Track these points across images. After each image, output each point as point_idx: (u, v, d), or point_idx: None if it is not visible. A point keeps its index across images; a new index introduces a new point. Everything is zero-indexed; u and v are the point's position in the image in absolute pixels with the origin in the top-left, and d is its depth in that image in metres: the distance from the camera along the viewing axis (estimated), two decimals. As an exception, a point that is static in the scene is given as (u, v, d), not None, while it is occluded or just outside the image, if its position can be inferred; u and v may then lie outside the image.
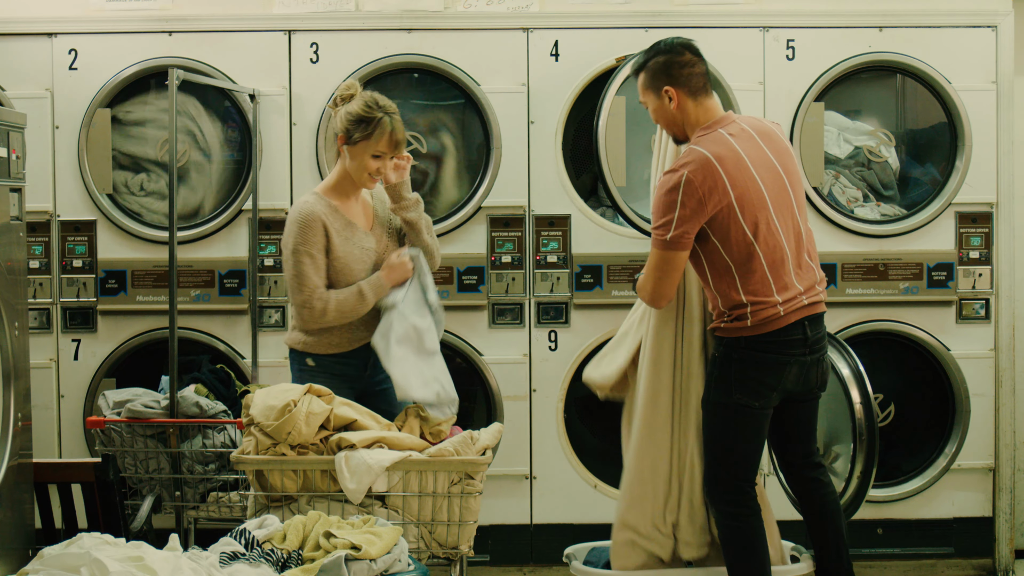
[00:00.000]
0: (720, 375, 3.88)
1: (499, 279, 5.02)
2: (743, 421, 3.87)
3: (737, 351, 3.84)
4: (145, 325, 5.03)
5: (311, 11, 5.00)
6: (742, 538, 3.91)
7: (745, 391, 3.84)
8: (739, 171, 3.75)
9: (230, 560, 3.09)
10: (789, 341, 3.83)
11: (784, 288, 3.81)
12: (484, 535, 4.97)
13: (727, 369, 3.86)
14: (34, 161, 4.62)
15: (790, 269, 3.83)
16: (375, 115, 3.99)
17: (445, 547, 3.60)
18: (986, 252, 5.08)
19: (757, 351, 3.83)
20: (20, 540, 3.56)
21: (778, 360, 3.84)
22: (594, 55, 4.98)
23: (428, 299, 4.09)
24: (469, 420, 5.07)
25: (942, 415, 5.17)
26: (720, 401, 3.88)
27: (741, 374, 3.84)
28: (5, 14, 4.98)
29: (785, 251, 3.82)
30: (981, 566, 5.16)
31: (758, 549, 3.91)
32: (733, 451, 3.91)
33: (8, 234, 3.52)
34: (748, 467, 3.93)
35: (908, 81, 5.17)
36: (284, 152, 4.99)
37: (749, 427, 3.89)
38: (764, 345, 3.82)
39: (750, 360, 3.83)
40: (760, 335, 3.82)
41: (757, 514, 3.93)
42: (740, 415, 3.87)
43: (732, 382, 3.85)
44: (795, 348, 3.85)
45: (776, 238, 3.80)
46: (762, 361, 3.84)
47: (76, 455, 4.97)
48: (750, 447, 3.92)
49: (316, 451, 3.63)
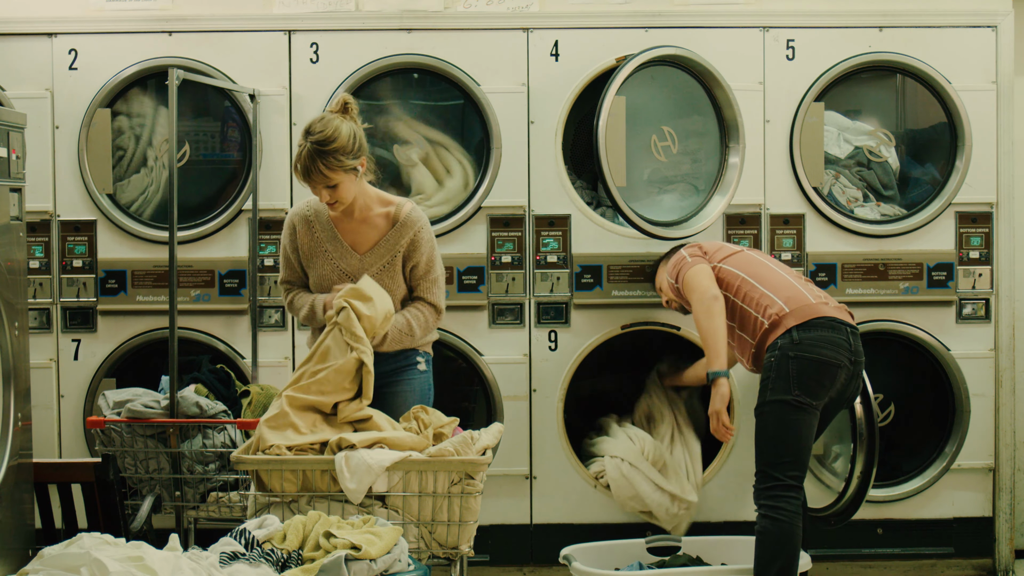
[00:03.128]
0: (777, 375, 4.08)
1: (499, 279, 5.02)
2: (799, 418, 4.05)
3: (792, 348, 4.06)
4: (145, 325, 5.03)
5: (311, 11, 5.00)
6: (778, 537, 4.02)
7: (804, 387, 4.06)
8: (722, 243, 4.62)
9: (230, 560, 3.09)
10: (837, 341, 4.09)
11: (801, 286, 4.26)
12: (484, 535, 4.97)
13: (784, 366, 4.07)
14: (34, 161, 4.63)
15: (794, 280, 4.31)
16: (299, 144, 3.96)
17: (445, 547, 3.60)
18: (986, 252, 5.08)
19: (811, 348, 4.06)
20: (20, 540, 3.56)
21: (832, 360, 4.07)
22: (594, 55, 4.98)
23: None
24: (469, 420, 5.07)
25: (942, 415, 5.17)
26: (778, 399, 4.07)
27: (799, 370, 4.06)
28: (5, 14, 4.98)
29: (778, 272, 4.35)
30: (981, 566, 5.16)
31: (789, 552, 4.03)
32: (788, 448, 4.06)
33: (8, 234, 3.52)
34: (800, 464, 4.08)
35: (908, 81, 5.17)
36: (284, 152, 4.99)
37: (804, 424, 4.06)
38: (815, 342, 4.07)
39: (806, 358, 4.07)
40: (805, 324, 4.08)
41: (798, 516, 4.05)
42: (797, 411, 4.05)
43: (792, 379, 4.06)
44: (843, 350, 4.09)
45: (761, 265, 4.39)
46: (818, 358, 4.06)
47: (76, 455, 4.97)
48: (803, 445, 4.08)
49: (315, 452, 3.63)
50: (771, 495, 4.05)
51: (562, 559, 4.46)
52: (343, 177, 3.96)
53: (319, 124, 3.94)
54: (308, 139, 3.92)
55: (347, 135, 3.94)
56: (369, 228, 4.13)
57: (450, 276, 4.97)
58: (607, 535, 4.83)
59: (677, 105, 5.03)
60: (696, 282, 4.35)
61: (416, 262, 4.12)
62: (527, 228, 5.02)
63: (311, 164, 3.91)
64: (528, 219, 5.02)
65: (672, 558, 4.61)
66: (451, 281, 4.98)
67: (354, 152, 3.96)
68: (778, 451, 4.08)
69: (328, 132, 3.92)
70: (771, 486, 4.06)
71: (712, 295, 4.29)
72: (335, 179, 3.94)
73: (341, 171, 3.94)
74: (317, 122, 3.96)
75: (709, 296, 4.29)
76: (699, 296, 4.32)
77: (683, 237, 4.90)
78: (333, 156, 3.91)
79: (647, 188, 5.04)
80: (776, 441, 4.09)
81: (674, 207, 5.02)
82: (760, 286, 4.26)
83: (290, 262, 4.20)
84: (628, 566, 4.61)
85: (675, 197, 5.05)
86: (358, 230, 4.12)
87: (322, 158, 3.90)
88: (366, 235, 4.12)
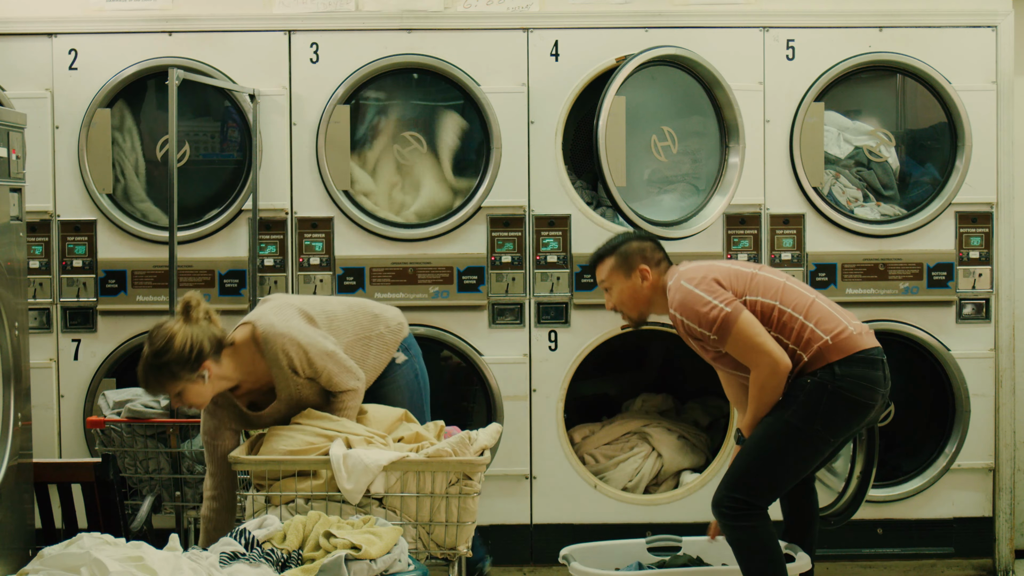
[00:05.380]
0: (808, 400, 3.84)
1: (499, 279, 5.02)
2: (806, 451, 3.88)
3: (832, 381, 3.82)
4: (145, 325, 5.01)
5: (311, 11, 5.00)
6: (758, 541, 3.88)
7: (828, 425, 3.84)
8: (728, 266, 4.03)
9: (230, 560, 3.09)
10: (875, 379, 3.87)
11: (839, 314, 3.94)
12: (484, 535, 4.96)
13: (818, 397, 3.83)
14: (34, 161, 4.62)
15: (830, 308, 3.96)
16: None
17: (443, 547, 3.60)
18: (986, 252, 5.07)
19: (848, 388, 3.83)
20: (20, 540, 3.56)
21: (865, 404, 3.87)
22: (594, 55, 4.98)
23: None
24: (469, 420, 5.08)
25: (942, 415, 5.17)
26: (795, 424, 3.84)
27: (831, 408, 3.83)
28: (5, 14, 4.98)
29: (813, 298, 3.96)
30: (981, 566, 5.16)
31: (775, 550, 3.89)
32: (776, 474, 3.89)
33: (8, 234, 3.52)
34: (775, 493, 3.94)
35: (908, 81, 5.17)
36: (284, 152, 4.99)
37: (808, 458, 3.91)
38: (856, 380, 3.83)
39: (841, 396, 3.83)
40: (849, 360, 3.83)
41: (768, 521, 3.91)
42: (808, 445, 3.87)
43: (820, 413, 3.82)
44: (880, 387, 3.89)
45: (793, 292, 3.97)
46: (852, 402, 3.84)
47: (76, 455, 4.97)
48: (793, 478, 3.93)
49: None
50: (741, 510, 3.87)
51: (561, 559, 4.45)
52: (184, 386, 3.65)
53: (155, 334, 3.64)
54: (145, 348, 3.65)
55: (180, 345, 3.60)
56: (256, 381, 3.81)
57: (450, 276, 4.97)
58: (607, 535, 4.83)
59: (677, 105, 5.03)
60: (760, 342, 3.83)
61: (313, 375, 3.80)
62: (527, 228, 5.02)
63: (148, 377, 3.64)
64: (528, 219, 5.02)
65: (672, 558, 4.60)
66: (451, 281, 4.98)
67: (191, 363, 3.62)
68: (768, 474, 3.88)
69: (159, 344, 3.61)
70: (740, 500, 3.86)
71: (785, 366, 3.84)
72: (175, 389, 3.65)
73: (181, 382, 3.64)
74: (155, 330, 3.66)
75: (783, 368, 3.83)
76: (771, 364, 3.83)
77: (683, 237, 4.90)
78: (167, 369, 3.61)
79: (647, 188, 5.04)
80: (771, 465, 3.88)
81: (674, 207, 5.02)
82: (800, 316, 3.90)
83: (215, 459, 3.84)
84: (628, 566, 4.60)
85: (675, 197, 5.05)
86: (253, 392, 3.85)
87: (156, 373, 3.62)
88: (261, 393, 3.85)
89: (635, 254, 4.09)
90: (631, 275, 4.08)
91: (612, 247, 4.14)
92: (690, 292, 3.90)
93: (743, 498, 3.86)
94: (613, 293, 4.13)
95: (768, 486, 3.90)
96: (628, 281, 4.09)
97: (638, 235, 4.23)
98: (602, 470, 5.10)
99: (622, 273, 4.10)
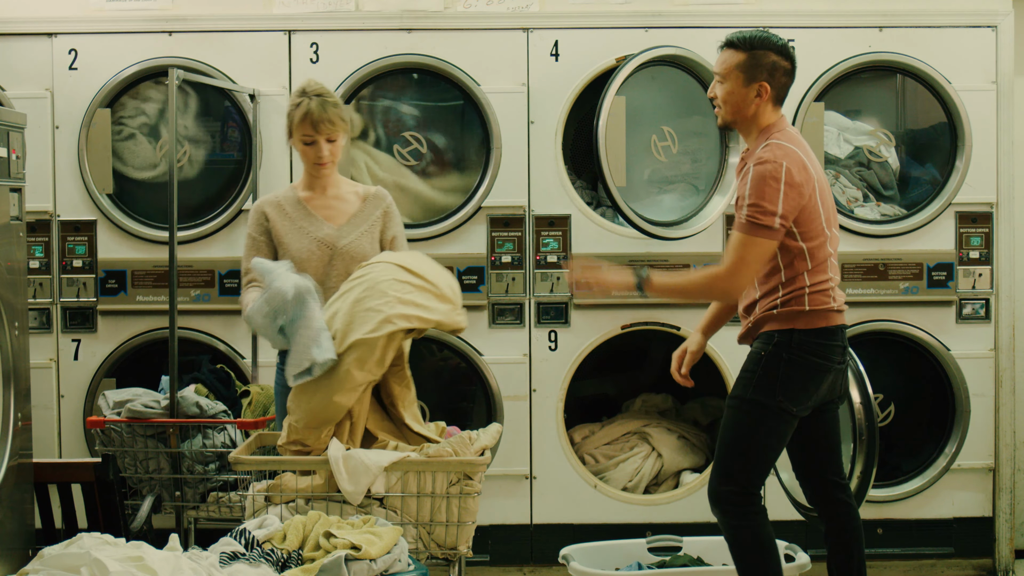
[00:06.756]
0: (764, 374, 3.79)
1: (499, 279, 5.02)
2: (776, 425, 3.80)
3: (787, 351, 3.77)
4: (145, 325, 5.03)
5: (311, 11, 5.00)
6: (755, 538, 3.83)
7: (788, 394, 3.77)
8: (815, 168, 3.81)
9: (230, 560, 3.09)
10: (833, 347, 3.82)
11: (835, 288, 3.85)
12: (484, 535, 4.97)
13: (774, 369, 3.78)
14: (34, 161, 4.62)
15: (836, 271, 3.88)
16: (297, 102, 4.05)
17: (444, 548, 3.60)
18: (986, 252, 5.07)
19: (806, 353, 3.77)
20: (20, 540, 3.56)
21: (823, 365, 3.80)
22: (594, 55, 4.98)
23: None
24: (469, 420, 5.08)
25: (942, 415, 5.17)
26: (759, 401, 3.78)
27: (788, 376, 3.77)
28: (5, 14, 4.98)
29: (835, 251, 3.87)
30: (981, 566, 5.16)
31: (772, 548, 3.84)
32: (756, 454, 3.83)
33: (8, 234, 3.52)
34: (763, 472, 3.86)
35: (908, 81, 5.17)
36: (284, 152, 4.99)
37: (780, 432, 3.82)
38: (813, 347, 3.78)
39: (799, 362, 3.77)
40: (811, 331, 3.78)
41: (764, 513, 3.87)
42: (776, 418, 3.79)
43: (778, 382, 3.77)
44: (836, 355, 3.83)
45: (835, 236, 3.87)
46: (810, 365, 3.78)
47: (76, 455, 4.97)
48: (773, 454, 3.86)
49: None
50: (735, 500, 3.81)
51: (561, 559, 4.45)
52: (342, 132, 4.06)
53: (315, 83, 4.06)
54: (308, 95, 4.02)
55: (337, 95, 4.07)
56: (342, 203, 4.14)
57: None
58: (607, 535, 4.83)
59: (677, 105, 5.03)
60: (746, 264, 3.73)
61: (395, 234, 4.15)
62: (527, 228, 5.02)
63: (322, 113, 4.00)
64: (528, 219, 5.02)
65: (672, 558, 4.61)
66: (451, 281, 4.98)
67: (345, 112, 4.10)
68: (746, 457, 3.81)
69: (326, 88, 4.06)
70: (736, 490, 3.82)
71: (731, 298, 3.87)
72: (340, 130, 4.04)
73: (342, 124, 4.04)
74: (311, 82, 4.06)
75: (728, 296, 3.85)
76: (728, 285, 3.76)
77: (683, 237, 4.90)
78: (335, 108, 4.03)
79: (647, 188, 5.04)
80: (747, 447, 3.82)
81: (674, 207, 5.02)
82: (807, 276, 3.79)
83: (258, 245, 4.08)
84: (628, 566, 4.61)
85: (675, 197, 5.05)
86: (331, 205, 4.12)
87: (328, 109, 4.01)
88: (340, 209, 4.13)
89: (765, 68, 3.83)
90: (750, 84, 3.83)
91: (752, 43, 3.85)
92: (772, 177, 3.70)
93: (736, 488, 3.81)
94: (723, 88, 3.88)
95: (754, 468, 3.82)
96: (743, 88, 3.84)
97: (782, 48, 3.88)
98: (602, 470, 5.10)
99: (743, 76, 3.84)
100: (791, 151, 3.75)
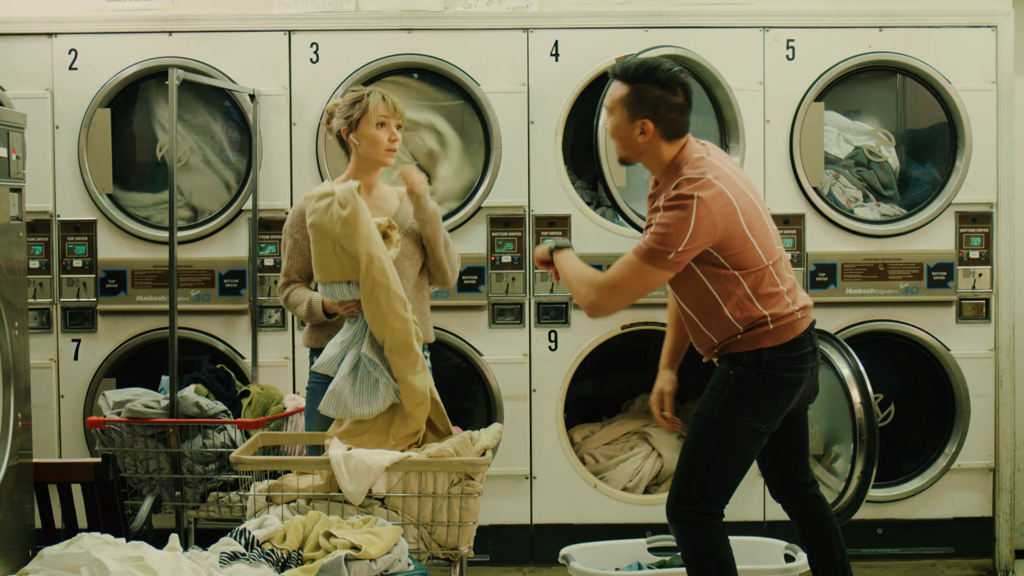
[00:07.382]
0: (732, 394, 3.64)
1: (499, 279, 5.02)
2: (743, 444, 3.67)
3: (757, 370, 3.63)
4: (145, 325, 5.03)
5: (311, 11, 5.00)
6: (711, 558, 3.69)
7: (757, 414, 3.64)
8: (741, 190, 3.62)
9: (230, 560, 3.09)
10: (803, 356, 3.68)
11: (792, 290, 3.70)
12: (484, 535, 4.97)
13: (743, 388, 3.63)
14: (34, 161, 4.62)
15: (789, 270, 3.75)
16: (362, 92, 4.09)
17: (445, 548, 3.60)
18: (986, 252, 5.08)
19: (777, 370, 3.64)
20: (20, 540, 3.56)
21: (796, 379, 3.67)
22: (594, 55, 4.98)
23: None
24: (469, 420, 5.08)
25: (942, 415, 5.17)
26: (725, 421, 3.64)
27: (757, 396, 3.63)
28: (5, 14, 4.98)
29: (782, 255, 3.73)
30: (981, 566, 5.16)
31: (729, 569, 3.69)
32: (717, 474, 3.68)
33: (8, 234, 3.52)
34: (727, 491, 3.71)
35: (908, 81, 5.17)
36: (284, 152, 4.99)
37: (746, 451, 3.69)
38: (782, 362, 3.65)
39: (769, 380, 3.64)
40: (779, 347, 3.64)
41: (724, 533, 3.72)
42: (742, 438, 3.66)
43: (746, 403, 3.63)
44: (808, 362, 3.69)
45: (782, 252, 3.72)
46: (780, 381, 3.65)
47: (76, 455, 4.97)
48: (739, 473, 3.72)
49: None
50: (694, 521, 3.67)
51: (561, 559, 4.45)
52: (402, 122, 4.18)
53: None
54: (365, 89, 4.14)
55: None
56: (383, 203, 4.16)
57: (450, 276, 4.97)
58: (607, 535, 4.83)
59: (677, 105, 5.02)
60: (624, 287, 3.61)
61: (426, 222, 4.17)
62: (527, 228, 5.02)
63: (394, 98, 4.13)
64: (528, 219, 5.02)
65: (673, 558, 4.60)
66: (451, 281, 4.98)
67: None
68: (709, 477, 3.65)
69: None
70: (697, 511, 3.66)
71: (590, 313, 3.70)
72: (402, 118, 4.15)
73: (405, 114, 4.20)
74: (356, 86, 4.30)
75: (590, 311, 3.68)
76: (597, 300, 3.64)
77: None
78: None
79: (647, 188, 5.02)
80: (711, 467, 3.66)
81: (674, 207, 5.01)
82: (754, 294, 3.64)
83: (300, 247, 4.06)
84: (628, 566, 4.61)
85: (675, 197, 5.04)
86: (378, 205, 4.13)
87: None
88: (382, 210, 4.13)
89: (648, 104, 3.61)
90: (633, 121, 3.64)
91: (634, 76, 3.63)
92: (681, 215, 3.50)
93: (693, 508, 3.68)
94: (611, 122, 3.70)
95: (716, 489, 3.69)
96: (627, 125, 3.65)
97: (668, 80, 3.64)
98: (602, 470, 5.10)
99: (627, 112, 3.64)
100: (706, 182, 3.53)
